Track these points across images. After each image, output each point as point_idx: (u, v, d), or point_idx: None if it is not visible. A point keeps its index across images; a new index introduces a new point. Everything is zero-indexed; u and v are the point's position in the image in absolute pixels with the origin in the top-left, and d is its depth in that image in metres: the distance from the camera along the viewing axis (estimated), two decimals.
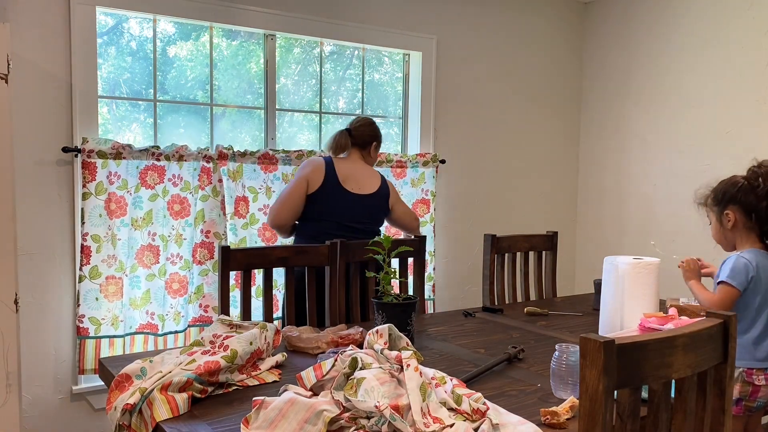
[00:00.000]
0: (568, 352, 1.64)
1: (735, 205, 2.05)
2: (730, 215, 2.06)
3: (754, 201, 2.02)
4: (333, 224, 2.75)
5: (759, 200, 2.01)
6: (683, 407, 1.27)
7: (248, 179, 3.17)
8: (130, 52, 3.04)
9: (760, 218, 2.03)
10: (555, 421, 1.45)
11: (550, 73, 4.33)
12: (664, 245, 3.85)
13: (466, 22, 3.94)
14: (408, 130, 3.87)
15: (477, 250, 4.05)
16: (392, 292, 2.11)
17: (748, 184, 2.04)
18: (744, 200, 2.03)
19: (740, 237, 2.08)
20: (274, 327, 1.96)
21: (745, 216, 2.04)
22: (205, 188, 3.02)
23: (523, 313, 2.65)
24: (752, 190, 2.02)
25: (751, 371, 1.98)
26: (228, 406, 1.57)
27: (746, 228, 2.06)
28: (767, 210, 2.01)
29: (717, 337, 1.32)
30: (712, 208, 2.12)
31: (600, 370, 1.09)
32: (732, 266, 2.01)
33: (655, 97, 4.00)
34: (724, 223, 2.08)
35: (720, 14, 3.64)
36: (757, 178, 2.03)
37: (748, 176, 2.06)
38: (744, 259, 2.01)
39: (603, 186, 4.38)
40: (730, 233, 2.09)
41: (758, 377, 1.98)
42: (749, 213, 2.03)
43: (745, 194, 2.03)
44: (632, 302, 2.18)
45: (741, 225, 2.06)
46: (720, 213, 2.09)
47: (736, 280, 1.99)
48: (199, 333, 3.04)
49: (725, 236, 2.11)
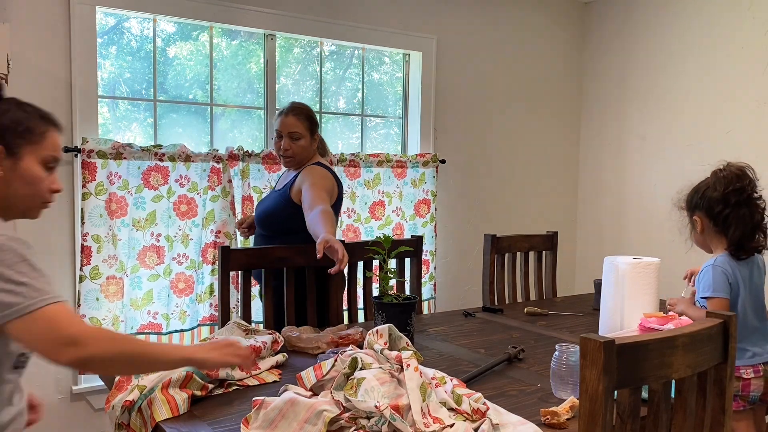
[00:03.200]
0: (568, 352, 1.64)
1: (699, 210, 2.08)
2: (697, 221, 2.09)
3: (713, 205, 2.03)
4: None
5: (716, 204, 2.02)
6: (683, 407, 1.27)
7: (253, 179, 3.18)
8: (130, 52, 3.04)
9: (717, 223, 2.03)
10: (555, 421, 1.45)
11: (550, 73, 4.33)
12: (664, 245, 3.84)
13: (466, 22, 3.94)
14: (408, 130, 3.87)
15: (477, 250, 4.05)
16: (392, 292, 2.11)
17: (708, 187, 2.05)
18: (705, 205, 2.04)
19: (711, 241, 2.10)
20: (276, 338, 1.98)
21: (709, 220, 2.05)
22: (216, 189, 3.03)
23: (523, 313, 2.65)
24: (710, 194, 2.03)
25: (738, 367, 2.00)
26: (228, 406, 1.57)
27: (714, 233, 2.07)
28: (723, 214, 2.01)
29: (717, 337, 1.32)
30: (685, 213, 2.15)
31: (600, 370, 1.09)
32: (712, 279, 2.02)
33: (655, 97, 4.00)
34: (695, 227, 2.10)
35: (720, 14, 3.64)
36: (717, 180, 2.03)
37: (711, 179, 2.07)
38: (719, 267, 2.02)
39: (603, 186, 4.37)
40: (701, 238, 2.11)
41: (746, 371, 2.00)
42: (710, 218, 2.05)
43: (707, 199, 2.04)
44: (632, 302, 2.18)
45: (708, 229, 2.08)
46: (690, 218, 2.12)
47: (721, 291, 2.00)
48: (210, 332, 3.05)
49: (699, 241, 2.14)
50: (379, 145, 3.82)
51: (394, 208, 3.64)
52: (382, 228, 3.59)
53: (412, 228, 3.70)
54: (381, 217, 3.59)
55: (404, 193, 3.67)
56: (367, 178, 3.53)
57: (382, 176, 3.59)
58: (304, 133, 2.55)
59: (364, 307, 2.74)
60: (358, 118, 3.71)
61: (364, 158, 3.50)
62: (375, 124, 3.84)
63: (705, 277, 2.04)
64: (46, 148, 1.37)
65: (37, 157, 1.36)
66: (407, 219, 3.69)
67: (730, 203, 2.01)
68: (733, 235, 2.03)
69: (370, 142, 3.79)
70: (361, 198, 3.51)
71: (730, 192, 2.01)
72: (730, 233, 2.03)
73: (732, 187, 2.01)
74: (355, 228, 3.49)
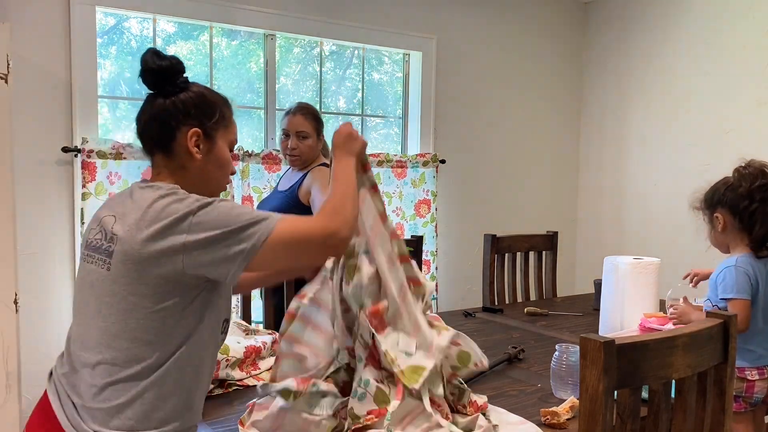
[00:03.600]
0: (568, 352, 1.64)
1: (722, 207, 2.05)
2: (720, 218, 2.06)
3: (738, 202, 2.00)
4: None
5: (742, 200, 1.99)
6: (683, 407, 1.27)
7: (253, 179, 3.18)
8: (130, 52, 3.04)
9: (743, 219, 2.01)
10: (555, 421, 1.45)
11: (550, 73, 4.33)
12: (664, 245, 3.84)
13: (466, 22, 3.94)
14: (408, 130, 3.87)
15: (477, 250, 4.05)
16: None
17: (732, 185, 2.03)
18: (729, 202, 2.02)
19: (733, 239, 2.07)
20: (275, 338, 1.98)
21: (733, 217, 2.03)
22: None
23: (523, 313, 2.65)
24: (735, 191, 2.01)
25: (743, 368, 1.99)
26: (228, 406, 1.57)
27: (736, 230, 2.05)
28: (749, 210, 1.99)
29: (717, 337, 1.32)
30: (704, 212, 2.12)
31: (600, 370, 1.09)
32: (735, 280, 1.98)
33: (655, 97, 4.00)
34: (715, 226, 2.08)
35: (720, 14, 3.64)
36: (742, 177, 2.01)
37: (733, 177, 2.05)
38: (741, 268, 1.99)
39: (603, 186, 4.37)
40: (722, 236, 2.08)
41: (751, 373, 1.99)
42: (734, 215, 2.02)
43: (730, 195, 2.02)
44: (632, 302, 2.18)
45: (731, 227, 2.05)
46: (711, 216, 2.09)
47: (744, 292, 1.96)
48: None
49: (718, 240, 2.11)
50: (379, 145, 3.82)
51: (395, 208, 3.64)
52: None
53: (412, 228, 3.70)
54: None
55: (404, 193, 3.67)
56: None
57: (382, 176, 3.59)
58: (311, 132, 2.55)
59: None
60: (358, 118, 3.71)
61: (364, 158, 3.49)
62: (375, 124, 3.85)
63: (727, 278, 1.99)
64: (232, 132, 1.39)
65: (226, 140, 1.37)
66: (407, 219, 3.69)
67: (755, 199, 1.98)
68: (758, 232, 2.00)
69: (370, 142, 3.78)
70: None
71: (756, 188, 1.98)
72: (755, 230, 2.00)
73: (758, 183, 1.98)
74: None
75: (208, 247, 1.18)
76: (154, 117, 1.32)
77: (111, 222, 1.24)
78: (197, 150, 1.31)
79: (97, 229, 1.27)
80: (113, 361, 1.21)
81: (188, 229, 1.18)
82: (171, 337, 1.22)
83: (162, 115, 1.31)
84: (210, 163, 1.34)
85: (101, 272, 1.22)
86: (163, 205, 1.20)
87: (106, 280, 1.21)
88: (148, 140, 1.35)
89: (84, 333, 1.25)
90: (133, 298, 1.19)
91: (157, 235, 1.18)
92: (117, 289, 1.20)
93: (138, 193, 1.26)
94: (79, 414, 1.22)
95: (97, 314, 1.23)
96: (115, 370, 1.20)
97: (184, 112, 1.31)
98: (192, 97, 1.33)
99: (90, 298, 1.24)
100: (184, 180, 1.32)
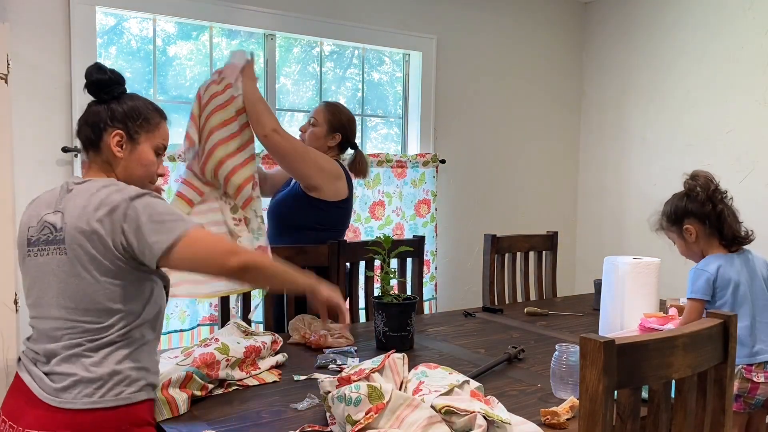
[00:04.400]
0: (568, 352, 1.64)
1: (689, 218, 2.12)
2: (690, 228, 2.13)
3: (701, 208, 2.10)
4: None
5: (704, 206, 2.09)
6: (683, 407, 1.27)
7: None
8: (130, 52, 3.04)
9: (711, 223, 2.10)
10: (555, 421, 1.45)
11: (550, 73, 4.33)
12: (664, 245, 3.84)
13: (466, 22, 3.94)
14: (408, 130, 3.87)
15: (477, 250, 4.05)
16: (392, 292, 2.11)
17: (689, 194, 2.12)
18: (695, 211, 2.11)
19: (705, 246, 2.14)
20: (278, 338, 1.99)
21: (701, 225, 2.11)
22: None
23: (523, 313, 2.65)
24: (696, 200, 2.10)
25: (750, 368, 1.99)
26: (228, 406, 1.57)
27: (707, 236, 2.12)
28: (714, 211, 2.09)
29: (717, 337, 1.32)
30: (671, 229, 2.19)
31: (600, 370, 1.09)
32: (691, 280, 2.08)
33: (655, 96, 4.00)
34: (687, 238, 2.14)
35: (720, 14, 3.64)
36: (694, 187, 2.11)
37: (686, 188, 2.14)
38: (700, 270, 2.07)
39: (603, 186, 4.37)
40: (696, 245, 2.15)
41: (757, 375, 1.99)
42: (703, 221, 2.10)
43: (692, 205, 2.11)
44: (632, 302, 2.18)
45: (701, 234, 2.12)
46: (680, 231, 2.15)
47: (698, 292, 2.05)
48: (210, 332, 3.05)
49: (692, 250, 2.18)
50: (379, 145, 3.82)
51: (395, 208, 3.64)
52: (382, 228, 3.59)
53: (412, 228, 3.70)
54: (381, 217, 3.59)
55: (404, 193, 3.67)
56: (367, 179, 3.52)
57: (382, 176, 3.58)
58: (321, 122, 2.56)
59: (365, 306, 2.74)
60: (358, 118, 3.70)
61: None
62: (375, 124, 3.85)
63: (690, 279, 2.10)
64: (158, 137, 1.59)
65: (151, 144, 1.57)
66: (407, 219, 3.69)
67: (717, 201, 2.10)
68: (727, 231, 2.09)
69: (370, 142, 3.79)
70: (361, 198, 3.51)
71: (713, 192, 2.10)
72: (725, 230, 2.09)
73: (713, 188, 2.11)
74: (355, 228, 3.49)
75: (138, 231, 1.37)
76: (87, 120, 1.54)
77: (56, 218, 1.43)
78: (119, 150, 1.52)
79: (38, 226, 1.45)
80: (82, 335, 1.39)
81: (124, 217, 1.38)
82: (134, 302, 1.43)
83: (94, 119, 1.53)
84: (132, 162, 1.54)
85: (60, 258, 1.40)
86: (106, 193, 1.41)
87: (66, 263, 1.39)
88: (83, 139, 1.55)
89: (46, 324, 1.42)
90: (96, 272, 1.39)
91: (103, 218, 1.38)
92: (78, 269, 1.39)
93: (76, 188, 1.45)
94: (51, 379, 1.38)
95: (60, 296, 1.40)
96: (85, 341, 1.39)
97: (111, 116, 1.52)
98: (122, 104, 1.55)
99: (49, 287, 1.42)
100: (111, 174, 1.53)
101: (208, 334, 3.05)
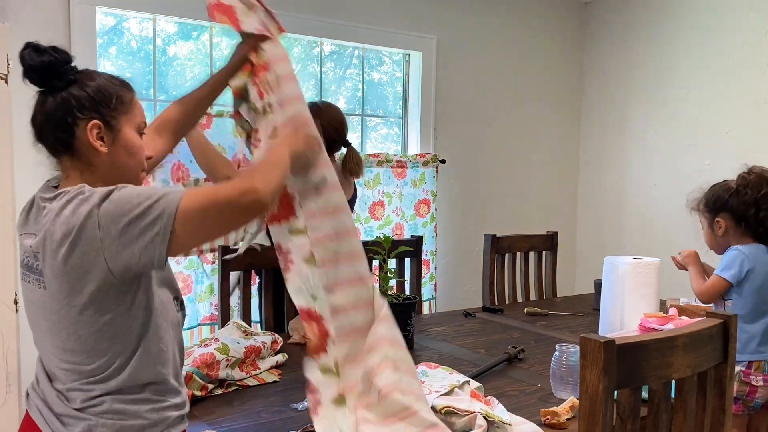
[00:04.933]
0: (568, 352, 1.64)
1: (725, 212, 2.08)
2: (721, 222, 2.09)
3: (743, 209, 2.04)
4: None
5: (747, 208, 2.04)
6: (683, 407, 1.27)
7: None
8: (130, 52, 3.04)
9: (749, 225, 2.05)
10: (555, 421, 1.45)
11: (550, 73, 4.33)
12: (664, 245, 3.84)
13: (466, 22, 3.94)
14: (408, 130, 3.87)
15: (477, 250, 4.05)
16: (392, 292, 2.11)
17: (738, 191, 2.06)
18: (734, 208, 2.06)
19: (735, 241, 2.10)
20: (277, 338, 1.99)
21: (736, 223, 2.07)
22: None
23: (523, 313, 2.65)
24: (741, 198, 2.05)
25: (748, 372, 1.99)
26: (228, 406, 1.57)
27: (737, 234, 2.08)
28: (756, 217, 2.04)
29: (717, 337, 1.32)
30: (704, 214, 2.15)
31: (600, 370, 1.09)
32: (727, 258, 2.04)
33: (655, 97, 4.00)
34: (715, 230, 2.11)
35: (720, 14, 3.64)
36: (747, 185, 2.05)
37: (738, 182, 2.08)
38: (740, 251, 2.03)
39: (603, 186, 4.37)
40: (722, 239, 2.12)
41: (756, 378, 1.99)
42: (739, 221, 2.06)
43: (735, 202, 2.05)
44: (632, 302, 2.18)
45: (732, 232, 2.09)
46: (711, 220, 2.12)
47: (728, 272, 2.02)
48: (210, 332, 3.05)
49: (717, 242, 2.14)
50: (379, 145, 3.82)
51: (394, 208, 3.64)
52: (382, 228, 3.59)
53: (412, 228, 3.70)
54: (381, 217, 3.59)
55: (404, 193, 3.67)
56: (367, 178, 3.53)
57: (382, 176, 3.58)
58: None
59: None
60: (358, 118, 3.71)
61: (364, 158, 3.50)
62: (375, 124, 3.85)
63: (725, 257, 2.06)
64: (137, 115, 1.29)
65: (132, 125, 1.28)
66: (407, 219, 3.69)
67: (762, 208, 2.04)
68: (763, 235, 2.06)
69: (370, 142, 3.79)
70: (361, 198, 3.50)
71: (762, 197, 2.04)
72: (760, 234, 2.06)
73: (763, 192, 2.04)
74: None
75: (122, 238, 1.11)
76: (48, 118, 1.22)
77: (31, 241, 1.19)
78: (101, 143, 1.22)
79: (22, 249, 1.24)
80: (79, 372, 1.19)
81: (97, 225, 1.11)
82: (127, 337, 1.19)
83: (56, 114, 1.21)
84: (118, 153, 1.25)
85: (40, 291, 1.18)
86: (69, 212, 1.13)
87: (46, 298, 1.18)
88: (49, 144, 1.24)
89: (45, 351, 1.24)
90: (76, 310, 1.15)
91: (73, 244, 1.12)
92: (57, 306, 1.16)
93: (44, 206, 1.19)
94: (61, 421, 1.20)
95: (48, 332, 1.20)
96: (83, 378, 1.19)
97: (78, 106, 1.21)
98: (84, 87, 1.22)
99: (38, 318, 1.22)
100: (94, 177, 1.23)
101: (208, 334, 3.06)
